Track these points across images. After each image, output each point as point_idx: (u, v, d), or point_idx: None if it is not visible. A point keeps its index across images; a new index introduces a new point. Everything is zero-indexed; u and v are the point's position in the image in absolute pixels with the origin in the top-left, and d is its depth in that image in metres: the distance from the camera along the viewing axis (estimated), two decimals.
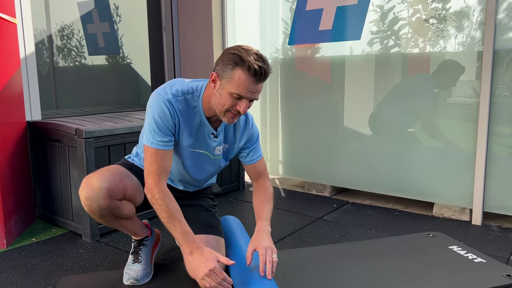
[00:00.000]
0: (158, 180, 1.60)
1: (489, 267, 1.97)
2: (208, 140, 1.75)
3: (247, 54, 1.52)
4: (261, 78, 1.55)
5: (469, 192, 2.64)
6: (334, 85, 3.19)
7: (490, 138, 2.55)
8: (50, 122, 2.47)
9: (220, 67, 1.57)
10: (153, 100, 1.62)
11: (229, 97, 1.57)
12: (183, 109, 1.64)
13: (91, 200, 1.61)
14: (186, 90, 1.66)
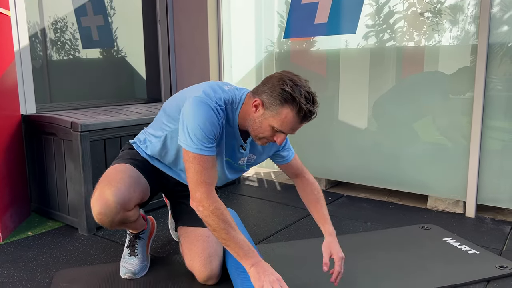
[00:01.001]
0: (210, 190, 1.49)
1: (482, 258, 1.99)
2: (236, 152, 1.71)
3: (300, 93, 1.46)
4: (308, 120, 1.52)
5: (463, 185, 2.66)
6: (329, 79, 3.20)
7: (484, 131, 2.58)
8: (45, 115, 2.46)
9: (267, 97, 1.50)
10: (198, 105, 1.49)
11: (269, 129, 1.52)
12: (224, 118, 1.57)
13: (103, 215, 1.60)
14: (227, 100, 1.58)
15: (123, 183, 1.65)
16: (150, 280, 1.80)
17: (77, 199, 2.32)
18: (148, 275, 1.84)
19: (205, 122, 1.49)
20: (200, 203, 1.48)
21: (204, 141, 1.49)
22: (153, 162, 1.83)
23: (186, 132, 1.50)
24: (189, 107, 1.51)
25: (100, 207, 1.59)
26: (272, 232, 2.34)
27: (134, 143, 1.88)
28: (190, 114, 1.50)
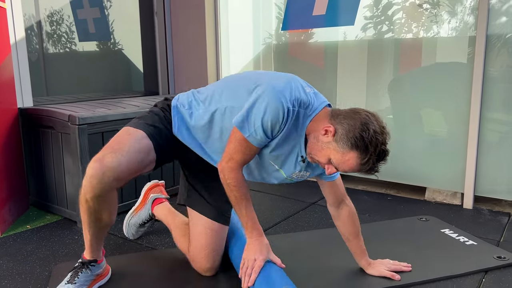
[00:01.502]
0: (237, 168, 1.53)
1: (480, 249, 2.00)
2: (294, 163, 1.58)
3: (375, 148, 1.38)
4: (366, 172, 1.45)
5: (461, 176, 2.67)
6: (327, 71, 3.19)
7: (482, 123, 2.58)
8: (43, 108, 2.45)
9: (342, 132, 1.41)
10: (273, 98, 1.42)
11: (327, 159, 1.45)
12: (291, 121, 1.47)
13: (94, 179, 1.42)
14: (304, 102, 1.48)
15: (127, 157, 1.48)
16: (153, 273, 1.81)
17: (75, 193, 2.32)
18: (150, 267, 1.85)
19: (270, 118, 1.43)
20: (222, 172, 1.55)
21: (259, 133, 1.46)
22: (182, 135, 1.65)
23: (247, 116, 1.45)
24: (263, 96, 1.44)
25: (94, 171, 1.42)
26: (271, 224, 2.34)
27: (175, 107, 1.67)
28: (261, 103, 1.44)
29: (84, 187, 1.45)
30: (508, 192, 2.57)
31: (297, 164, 1.58)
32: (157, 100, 2.89)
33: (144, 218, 2.13)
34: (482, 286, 1.70)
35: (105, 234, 1.64)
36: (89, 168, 1.44)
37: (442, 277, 1.75)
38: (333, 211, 1.79)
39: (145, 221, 2.14)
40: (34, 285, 1.72)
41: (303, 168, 1.60)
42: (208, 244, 1.74)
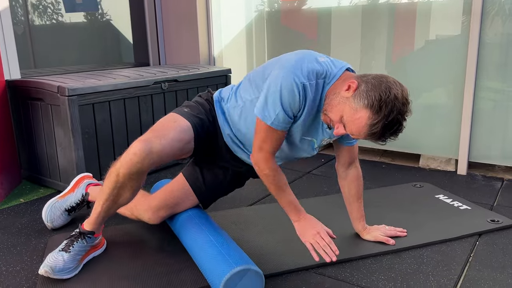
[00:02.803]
0: (269, 157, 1.54)
1: (474, 213, 2.02)
2: (320, 130, 1.57)
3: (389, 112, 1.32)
4: (372, 139, 1.39)
5: (455, 143, 2.67)
6: (320, 39, 3.13)
7: (476, 90, 2.56)
8: (31, 80, 2.39)
9: (363, 89, 1.36)
10: (284, 78, 1.41)
11: (339, 114, 1.40)
12: (311, 95, 1.45)
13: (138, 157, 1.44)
14: (320, 73, 1.45)
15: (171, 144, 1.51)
16: (143, 245, 1.81)
17: (68, 165, 2.29)
18: (139, 240, 1.85)
19: (287, 100, 1.42)
20: (256, 164, 1.57)
21: (281, 117, 1.45)
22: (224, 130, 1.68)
23: (265, 103, 1.46)
24: (276, 78, 1.44)
25: (139, 150, 1.44)
26: (267, 193, 2.34)
27: (217, 101, 1.70)
28: (275, 87, 1.43)
29: (122, 161, 1.47)
30: (501, 157, 2.58)
31: (324, 131, 1.58)
32: (148, 71, 2.85)
33: (73, 201, 1.97)
34: (476, 248, 1.73)
35: (114, 212, 1.64)
36: (132, 147, 1.46)
37: (437, 241, 1.77)
38: (341, 171, 1.79)
39: (73, 204, 1.96)
40: (30, 256, 1.71)
41: (330, 135, 1.59)
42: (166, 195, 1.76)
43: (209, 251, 1.49)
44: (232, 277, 1.32)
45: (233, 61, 3.53)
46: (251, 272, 1.35)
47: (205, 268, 1.46)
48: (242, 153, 1.71)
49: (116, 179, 1.49)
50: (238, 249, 1.51)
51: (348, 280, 1.52)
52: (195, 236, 1.62)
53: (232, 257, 1.41)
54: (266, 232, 1.88)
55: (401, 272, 1.57)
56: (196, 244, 1.59)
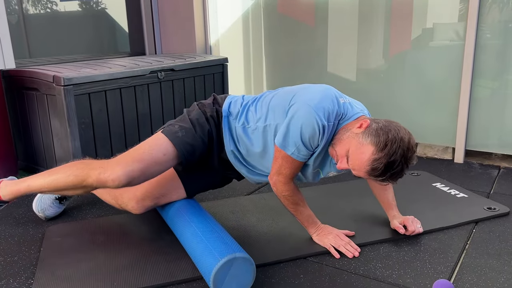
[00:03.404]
0: (288, 181, 1.59)
1: (471, 201, 2.03)
2: (328, 163, 1.62)
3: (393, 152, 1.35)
4: (373, 177, 1.41)
5: (452, 131, 2.68)
6: (318, 28, 3.11)
7: (474, 79, 2.56)
8: (26, 70, 2.37)
9: (373, 128, 1.41)
10: (307, 117, 1.45)
11: (345, 151, 1.45)
12: (328, 135, 1.49)
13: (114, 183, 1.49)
14: (339, 114, 1.50)
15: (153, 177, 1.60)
16: (140, 234, 1.81)
17: (64, 155, 2.28)
18: (137, 230, 1.85)
19: (307, 136, 1.47)
20: (274, 185, 1.60)
21: (301, 150, 1.50)
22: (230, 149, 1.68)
23: (287, 135, 1.50)
24: (298, 115, 1.47)
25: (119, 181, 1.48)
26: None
27: (226, 116, 1.68)
28: (296, 123, 1.47)
29: (99, 177, 1.49)
30: (498, 146, 2.59)
31: (331, 165, 1.62)
32: (144, 60, 2.83)
33: None
34: (472, 236, 1.74)
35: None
36: (114, 172, 1.48)
37: (434, 229, 1.77)
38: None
39: None
40: (27, 246, 1.71)
41: (337, 169, 1.61)
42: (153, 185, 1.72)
43: (195, 245, 1.48)
44: (219, 271, 1.31)
45: (229, 50, 3.50)
46: (238, 260, 1.34)
47: (196, 262, 1.46)
48: (242, 167, 1.73)
49: (85, 183, 1.53)
50: (224, 238, 1.48)
51: (346, 268, 1.53)
52: (183, 229, 1.61)
53: (217, 249, 1.38)
54: (264, 221, 1.88)
55: (398, 260, 1.57)
56: (184, 238, 1.58)
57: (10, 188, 1.74)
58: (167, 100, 2.73)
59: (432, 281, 1.42)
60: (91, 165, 1.54)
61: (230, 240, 1.47)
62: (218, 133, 1.68)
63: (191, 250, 1.51)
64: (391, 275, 1.48)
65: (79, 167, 1.56)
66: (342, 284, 1.43)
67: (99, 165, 1.52)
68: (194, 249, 1.48)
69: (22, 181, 1.71)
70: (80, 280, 1.45)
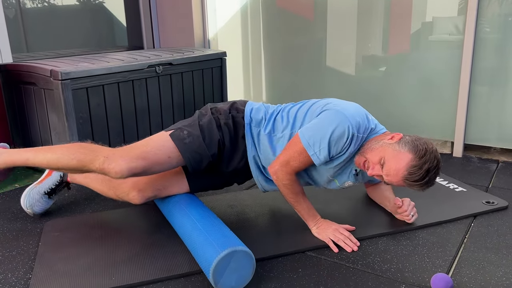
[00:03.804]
0: (291, 172, 1.60)
1: (469, 195, 2.03)
2: (347, 175, 1.67)
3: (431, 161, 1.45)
4: (409, 182, 1.47)
5: (451, 125, 2.67)
6: (317, 22, 3.10)
7: (473, 73, 2.55)
8: (23, 64, 2.36)
9: (407, 139, 1.50)
10: (341, 121, 1.50)
11: (378, 157, 1.50)
12: (354, 147, 1.55)
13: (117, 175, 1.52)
14: (369, 128, 1.58)
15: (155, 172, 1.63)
16: (139, 228, 1.81)
17: None
18: (136, 224, 1.85)
19: (335, 140, 1.51)
20: (275, 174, 1.61)
21: (323, 153, 1.53)
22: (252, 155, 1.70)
23: (314, 133, 1.53)
24: (334, 118, 1.52)
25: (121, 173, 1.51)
26: None
27: (248, 123, 1.68)
28: (329, 125, 1.51)
29: (103, 166, 1.51)
30: (497, 140, 2.59)
31: (350, 176, 1.67)
32: (142, 55, 2.82)
33: (52, 183, 1.91)
34: (471, 230, 1.74)
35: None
36: (119, 164, 1.50)
37: (432, 223, 1.78)
38: (371, 189, 1.99)
39: (53, 186, 1.90)
40: (26, 241, 1.71)
41: (354, 180, 1.70)
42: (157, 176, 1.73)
43: (195, 238, 1.48)
44: (219, 263, 1.31)
45: (228, 44, 3.49)
46: (238, 253, 1.34)
47: (195, 255, 1.46)
48: (260, 175, 1.75)
49: (86, 168, 1.54)
50: (224, 231, 1.48)
51: (344, 262, 1.53)
52: (183, 222, 1.60)
53: (217, 242, 1.38)
54: (263, 215, 1.88)
55: (396, 253, 1.58)
56: (184, 231, 1.58)
57: (3, 158, 1.66)
58: (166, 95, 2.72)
59: (430, 275, 1.43)
60: (96, 152, 1.54)
61: (230, 233, 1.47)
62: (232, 141, 1.68)
63: (190, 243, 1.50)
64: (390, 269, 1.48)
65: (83, 152, 1.54)
66: (341, 278, 1.43)
67: (103, 154, 1.53)
68: (194, 242, 1.48)
69: (18, 152, 1.65)
70: (78, 275, 1.45)
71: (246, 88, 3.55)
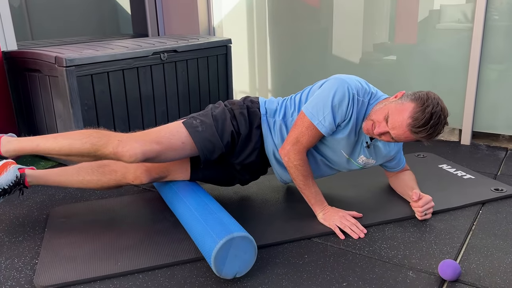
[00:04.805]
0: (303, 150, 1.61)
1: (478, 182, 2.01)
2: (359, 148, 1.68)
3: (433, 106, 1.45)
4: (415, 132, 1.46)
5: (459, 113, 2.64)
6: (323, 9, 3.05)
7: (482, 61, 2.51)
8: (27, 51, 2.34)
9: (409, 93, 1.54)
10: (339, 83, 1.56)
11: (383, 116, 1.51)
12: (358, 110, 1.58)
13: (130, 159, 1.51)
14: (368, 92, 1.61)
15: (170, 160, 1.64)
16: (144, 216, 1.81)
17: None
18: (141, 211, 1.84)
19: (337, 103, 1.54)
20: (286, 155, 1.62)
21: (328, 119, 1.56)
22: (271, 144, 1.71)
23: (316, 103, 1.57)
24: (330, 85, 1.58)
25: (135, 157, 1.50)
26: None
27: (264, 114, 1.72)
28: (328, 91, 1.57)
29: (117, 150, 1.50)
30: (506, 127, 2.55)
31: (362, 149, 1.68)
32: (147, 42, 2.79)
33: (6, 182, 1.64)
34: (479, 217, 1.72)
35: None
36: (133, 148, 1.50)
37: (440, 210, 1.76)
38: (393, 179, 1.95)
39: (6, 186, 1.63)
40: (32, 227, 1.71)
41: (367, 154, 1.70)
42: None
43: (194, 228, 1.47)
44: (219, 253, 1.29)
45: (233, 31, 3.45)
46: (236, 240, 1.32)
47: (197, 244, 1.45)
48: (277, 164, 1.76)
49: (99, 153, 1.51)
50: (222, 218, 1.45)
51: (351, 248, 1.52)
52: (183, 212, 1.59)
53: (215, 231, 1.36)
54: (268, 202, 1.87)
55: (403, 240, 1.56)
56: (184, 220, 1.57)
57: (13, 145, 1.62)
58: (170, 82, 2.71)
59: (437, 262, 1.41)
60: (109, 136, 1.53)
61: (229, 220, 1.45)
62: (247, 131, 1.69)
63: (191, 232, 1.50)
64: (397, 255, 1.47)
65: (96, 136, 1.53)
66: (347, 264, 1.42)
67: (117, 138, 1.52)
68: (193, 231, 1.47)
69: (28, 139, 1.63)
70: (84, 260, 1.45)
71: (251, 76, 3.53)
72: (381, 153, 1.73)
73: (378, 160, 1.76)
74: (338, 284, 1.33)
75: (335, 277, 1.36)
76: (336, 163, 1.74)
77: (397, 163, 1.86)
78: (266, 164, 1.83)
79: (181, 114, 2.79)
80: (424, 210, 1.68)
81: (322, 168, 1.77)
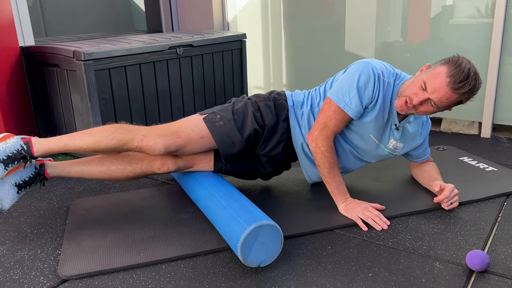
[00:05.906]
0: (330, 135, 1.62)
1: (501, 174, 1.97)
2: (388, 132, 1.68)
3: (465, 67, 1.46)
4: (455, 90, 1.45)
5: (479, 106, 2.60)
6: (336, 3, 3.03)
7: (502, 56, 2.47)
8: (46, 46, 2.35)
9: (438, 62, 1.53)
10: (363, 65, 1.57)
11: (418, 85, 1.50)
12: (384, 91, 1.59)
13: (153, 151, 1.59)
14: (392, 73, 1.62)
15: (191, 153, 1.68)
16: (165, 207, 1.80)
17: None
18: (161, 203, 1.84)
19: (363, 84, 1.55)
20: (314, 141, 1.62)
21: (354, 101, 1.56)
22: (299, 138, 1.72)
23: (342, 86, 1.58)
24: (355, 68, 1.59)
25: (158, 150, 1.58)
26: None
27: (292, 106, 1.73)
28: (354, 74, 1.57)
29: (141, 143, 1.56)
30: None
31: (391, 132, 1.68)
32: (162, 37, 2.79)
33: (25, 175, 1.59)
34: (504, 209, 1.69)
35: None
36: (157, 142, 1.57)
37: (464, 202, 1.73)
38: (416, 170, 1.93)
39: (26, 178, 1.59)
40: (53, 219, 1.72)
41: (397, 137, 1.70)
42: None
43: (221, 216, 1.46)
44: (246, 238, 1.28)
45: (248, 26, 3.44)
46: (265, 227, 1.31)
47: (222, 233, 1.44)
48: (306, 160, 1.76)
49: (126, 147, 1.57)
50: (249, 207, 1.45)
51: (374, 240, 1.50)
52: (207, 200, 1.59)
53: (243, 218, 1.36)
54: (288, 194, 1.86)
55: (428, 232, 1.54)
56: (209, 209, 1.56)
57: (42, 146, 1.58)
58: (186, 77, 2.70)
59: (465, 253, 1.39)
60: (134, 131, 1.58)
61: (255, 209, 1.44)
62: (273, 122, 1.70)
63: (216, 221, 1.49)
64: (422, 246, 1.45)
65: (121, 131, 1.57)
66: (371, 256, 1.40)
67: (141, 133, 1.58)
68: (219, 220, 1.46)
69: (55, 139, 1.61)
70: (107, 251, 1.45)
71: (266, 71, 3.51)
72: (410, 135, 1.72)
73: (405, 144, 1.74)
74: (363, 274, 1.31)
75: (360, 268, 1.34)
76: (365, 152, 1.73)
77: (423, 151, 1.84)
78: (291, 159, 1.82)
79: (197, 109, 2.79)
80: (449, 199, 1.65)
81: (351, 159, 1.75)
